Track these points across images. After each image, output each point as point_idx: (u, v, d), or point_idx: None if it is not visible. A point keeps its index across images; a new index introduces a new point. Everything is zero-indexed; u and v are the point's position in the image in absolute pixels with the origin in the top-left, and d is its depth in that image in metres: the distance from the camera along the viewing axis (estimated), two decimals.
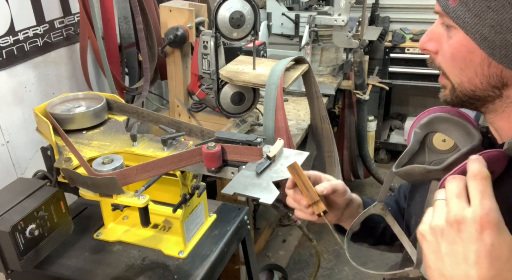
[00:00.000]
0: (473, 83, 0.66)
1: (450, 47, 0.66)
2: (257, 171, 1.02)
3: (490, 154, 0.61)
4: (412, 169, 0.68)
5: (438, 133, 0.72)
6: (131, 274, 1.24)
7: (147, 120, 1.37)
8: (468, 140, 0.69)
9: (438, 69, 0.69)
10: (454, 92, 0.68)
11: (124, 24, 2.18)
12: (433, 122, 0.73)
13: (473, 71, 0.65)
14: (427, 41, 0.69)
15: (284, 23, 2.69)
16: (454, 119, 0.72)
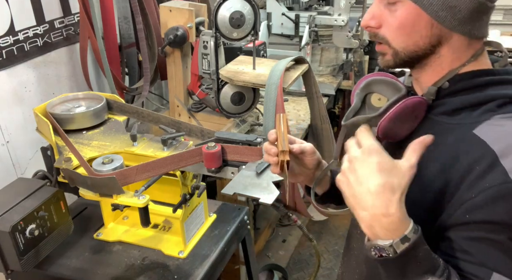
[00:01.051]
0: (418, 44, 0.78)
1: (396, 19, 0.77)
2: (257, 171, 1.03)
3: (413, 100, 0.78)
4: (357, 120, 0.82)
5: (375, 93, 0.87)
6: (131, 274, 1.24)
7: (147, 120, 1.37)
8: (395, 93, 0.83)
9: (380, 40, 0.81)
10: (397, 56, 0.80)
11: (124, 24, 2.18)
12: (370, 85, 0.87)
13: (419, 35, 0.77)
14: (370, 19, 0.80)
15: (284, 23, 2.70)
16: (386, 80, 0.86)
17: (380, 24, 0.80)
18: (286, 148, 0.86)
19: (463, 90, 0.79)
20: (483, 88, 0.78)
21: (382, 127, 0.79)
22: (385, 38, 0.80)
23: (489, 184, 0.69)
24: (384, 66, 0.84)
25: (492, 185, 0.68)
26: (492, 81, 0.78)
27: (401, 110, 0.78)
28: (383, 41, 0.81)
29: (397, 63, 0.82)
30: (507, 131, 0.72)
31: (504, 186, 0.68)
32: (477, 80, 0.79)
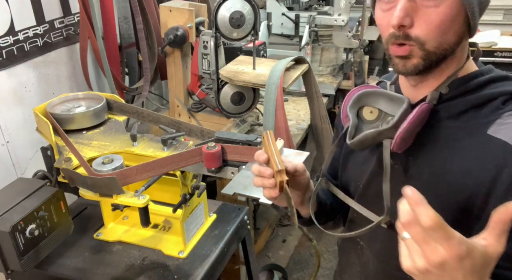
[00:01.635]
0: (449, 43, 0.74)
1: (438, 15, 0.70)
2: None
3: (425, 107, 0.75)
4: (365, 136, 0.78)
5: (365, 107, 0.84)
6: (131, 274, 1.24)
7: (147, 120, 1.37)
8: (392, 104, 0.80)
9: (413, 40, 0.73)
10: (428, 58, 0.74)
11: (124, 24, 2.18)
12: (361, 98, 0.84)
13: (453, 32, 0.73)
14: (404, 17, 0.71)
15: (284, 23, 2.70)
16: (376, 91, 0.83)
17: (413, 23, 0.72)
18: (282, 167, 0.80)
19: (464, 93, 0.78)
20: (482, 88, 0.77)
21: (400, 139, 0.75)
22: (419, 39, 0.72)
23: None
24: (410, 71, 0.76)
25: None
26: (489, 79, 0.78)
27: (417, 119, 0.75)
28: (416, 42, 0.73)
29: (426, 66, 0.75)
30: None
31: None
32: (475, 81, 0.78)
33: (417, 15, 0.71)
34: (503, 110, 0.74)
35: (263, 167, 0.82)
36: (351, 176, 0.97)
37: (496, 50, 2.84)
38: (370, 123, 0.83)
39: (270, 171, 0.81)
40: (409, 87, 0.84)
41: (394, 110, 0.79)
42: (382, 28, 0.77)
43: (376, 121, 0.83)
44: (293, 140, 1.93)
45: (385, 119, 0.82)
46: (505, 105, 0.74)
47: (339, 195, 0.93)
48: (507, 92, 0.75)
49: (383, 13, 0.76)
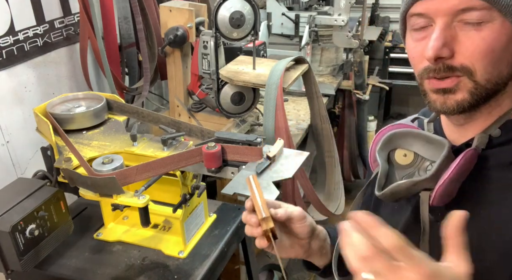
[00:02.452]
0: (501, 75, 0.62)
1: (485, 40, 0.59)
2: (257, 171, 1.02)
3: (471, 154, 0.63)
4: (398, 187, 0.67)
5: (398, 149, 0.73)
6: (131, 274, 1.24)
7: (147, 120, 1.37)
8: (431, 147, 0.69)
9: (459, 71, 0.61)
10: (477, 93, 0.62)
11: (124, 24, 2.18)
12: (392, 140, 0.73)
13: (506, 62, 0.61)
14: (443, 47, 0.60)
15: (284, 23, 2.69)
16: (411, 132, 0.71)
17: (453, 52, 0.61)
18: (267, 213, 0.72)
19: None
20: None
21: (441, 192, 0.63)
22: (467, 68, 0.60)
23: None
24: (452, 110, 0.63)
25: None
26: None
27: (461, 169, 0.63)
28: (463, 73, 0.61)
29: (471, 104, 0.62)
30: None
31: None
32: None
33: (458, 43, 0.60)
34: None
35: (249, 215, 0.74)
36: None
37: None
38: (403, 169, 0.72)
39: (255, 220, 0.73)
40: (452, 128, 0.72)
41: (433, 155, 0.69)
42: (415, 60, 0.66)
43: (411, 166, 0.72)
44: (293, 140, 1.93)
45: (422, 164, 0.70)
46: None
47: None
48: None
49: (415, 43, 0.65)
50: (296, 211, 0.78)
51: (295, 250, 0.82)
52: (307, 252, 0.83)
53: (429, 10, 0.61)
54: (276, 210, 0.75)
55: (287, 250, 0.81)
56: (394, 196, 0.68)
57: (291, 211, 0.77)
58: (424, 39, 0.63)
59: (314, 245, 0.84)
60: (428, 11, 0.61)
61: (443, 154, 0.65)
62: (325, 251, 0.87)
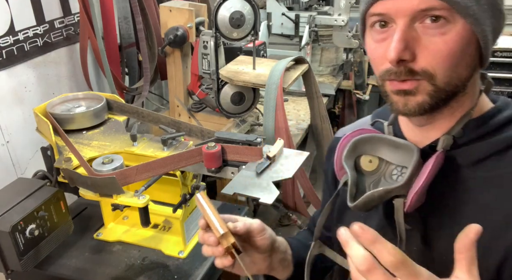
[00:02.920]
0: (461, 77, 0.61)
1: (447, 44, 0.58)
2: (257, 171, 1.02)
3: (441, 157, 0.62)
4: (372, 196, 0.64)
5: (363, 155, 0.71)
6: (131, 274, 1.24)
7: (147, 120, 1.37)
8: (396, 151, 0.68)
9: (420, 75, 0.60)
10: (437, 95, 0.61)
11: (124, 24, 2.18)
12: (357, 146, 0.71)
13: (465, 65, 0.61)
14: (405, 49, 0.59)
15: (284, 23, 2.69)
16: (376, 137, 0.70)
17: (415, 55, 0.60)
18: (225, 229, 0.69)
19: (482, 136, 0.65)
20: (502, 128, 0.65)
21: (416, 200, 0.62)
22: (428, 72, 0.60)
23: None
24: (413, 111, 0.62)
25: None
26: (509, 118, 0.66)
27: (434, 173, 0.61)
28: (423, 77, 0.60)
29: (432, 106, 0.62)
30: None
31: None
32: (494, 122, 0.65)
33: (420, 46, 0.59)
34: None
35: (206, 234, 0.71)
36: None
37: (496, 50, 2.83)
38: (369, 175, 0.70)
39: (214, 238, 0.69)
40: (413, 129, 0.71)
41: (399, 159, 0.67)
42: (376, 62, 0.65)
43: (377, 172, 0.70)
44: (293, 140, 1.93)
45: (387, 169, 0.69)
46: None
47: (337, 260, 0.79)
48: None
49: (376, 44, 0.64)
50: (255, 223, 0.75)
51: (257, 266, 0.79)
52: (269, 267, 0.80)
53: (389, 10, 0.60)
54: (234, 224, 0.72)
55: (249, 266, 0.77)
56: (367, 206, 0.66)
57: (250, 223, 0.74)
58: (385, 40, 0.62)
59: (275, 258, 0.81)
60: (389, 11, 0.60)
61: (415, 159, 0.64)
62: (287, 263, 0.84)
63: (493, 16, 0.60)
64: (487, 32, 0.60)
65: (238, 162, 1.07)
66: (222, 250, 0.69)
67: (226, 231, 0.68)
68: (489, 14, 0.59)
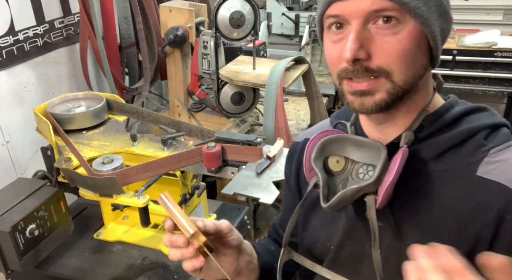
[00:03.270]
0: (415, 76, 0.64)
1: (400, 43, 0.61)
2: (257, 171, 1.03)
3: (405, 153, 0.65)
4: (344, 195, 0.65)
5: (331, 156, 0.72)
6: (131, 274, 1.24)
7: (147, 120, 1.37)
8: (361, 150, 0.70)
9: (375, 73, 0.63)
10: (393, 93, 0.64)
11: (124, 24, 2.18)
12: (325, 147, 0.72)
13: (418, 64, 0.64)
14: (360, 49, 0.61)
15: (284, 23, 2.70)
16: (342, 137, 0.72)
17: (370, 54, 0.62)
18: (194, 228, 0.67)
19: (439, 130, 0.68)
20: (457, 122, 0.69)
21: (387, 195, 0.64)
22: (384, 70, 0.62)
23: None
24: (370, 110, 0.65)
25: None
26: (462, 112, 0.69)
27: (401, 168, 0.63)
28: (381, 74, 0.62)
29: (388, 104, 0.64)
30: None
31: None
32: (449, 116, 0.69)
33: (374, 45, 0.61)
34: (487, 146, 0.66)
35: (174, 236, 0.69)
36: (317, 237, 0.82)
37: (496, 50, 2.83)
38: (337, 175, 0.71)
39: (183, 239, 0.68)
40: (373, 128, 0.73)
41: (365, 157, 0.69)
42: (333, 62, 0.66)
43: (344, 171, 0.71)
44: (293, 140, 1.93)
45: (354, 168, 0.71)
46: (487, 140, 0.66)
47: (305, 264, 0.80)
48: (486, 125, 0.67)
49: (333, 45, 0.66)
50: (223, 223, 0.74)
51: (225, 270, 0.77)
52: (236, 270, 0.80)
53: (344, 12, 0.62)
54: (204, 222, 0.71)
55: (217, 271, 0.76)
56: (340, 205, 0.67)
57: (219, 224, 0.73)
58: (341, 40, 0.64)
59: (242, 261, 0.81)
60: (343, 12, 0.62)
61: (383, 156, 0.66)
62: (253, 266, 0.84)
63: (440, 17, 0.64)
64: (436, 32, 0.63)
65: (238, 162, 1.07)
66: (193, 251, 0.68)
67: (196, 231, 0.67)
68: (437, 15, 0.63)
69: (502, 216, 0.62)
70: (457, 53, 2.84)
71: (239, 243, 0.78)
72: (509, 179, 0.63)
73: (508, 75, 2.85)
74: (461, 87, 2.93)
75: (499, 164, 0.64)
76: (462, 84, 2.93)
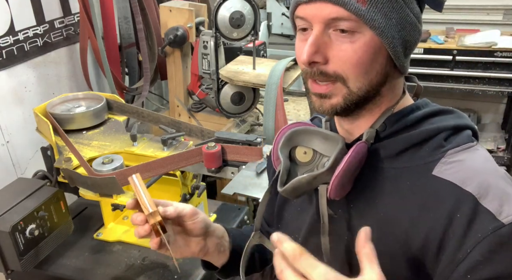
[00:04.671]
0: (372, 83, 0.67)
1: (356, 52, 0.63)
2: (257, 171, 1.03)
3: (362, 146, 0.67)
4: (299, 181, 0.68)
5: (298, 147, 0.75)
6: (131, 274, 1.24)
7: (147, 120, 1.37)
8: (327, 143, 0.72)
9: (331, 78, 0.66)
10: (349, 98, 0.67)
11: (124, 24, 2.18)
12: (292, 137, 0.75)
13: (375, 72, 0.66)
14: (315, 53, 0.64)
15: (284, 23, 2.70)
16: (309, 129, 0.74)
17: (327, 59, 0.65)
18: (153, 208, 0.72)
19: (401, 129, 0.71)
20: (420, 123, 0.71)
21: (337, 185, 0.66)
22: (340, 75, 0.65)
23: (481, 234, 0.59)
24: (327, 112, 0.69)
25: (485, 235, 0.59)
26: (425, 114, 0.71)
27: (354, 160, 0.66)
28: (337, 79, 0.66)
29: (344, 108, 0.68)
30: (471, 166, 0.65)
31: (498, 233, 0.59)
32: (413, 116, 0.71)
33: (332, 51, 0.64)
34: (445, 147, 0.67)
35: (134, 214, 0.73)
36: (288, 228, 0.85)
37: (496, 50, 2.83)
38: (304, 166, 0.74)
39: (142, 217, 0.72)
40: (341, 126, 0.76)
41: (329, 151, 0.72)
42: (299, 60, 0.69)
43: (311, 163, 0.74)
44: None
45: (321, 161, 0.73)
46: (447, 141, 0.68)
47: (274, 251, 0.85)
48: (447, 127, 0.69)
49: (300, 44, 0.68)
50: (187, 208, 0.78)
51: (190, 249, 0.82)
52: (202, 250, 0.83)
53: (308, 15, 0.65)
54: (165, 208, 0.75)
55: (182, 249, 0.81)
56: (296, 192, 0.69)
57: (182, 209, 0.77)
58: (305, 41, 0.66)
59: (210, 242, 0.84)
60: (307, 16, 0.65)
61: (338, 147, 0.69)
62: (223, 249, 0.87)
63: (403, 29, 0.65)
64: (396, 44, 0.65)
65: (238, 162, 1.07)
66: (148, 229, 0.72)
67: (154, 210, 0.72)
68: (399, 27, 0.65)
69: (452, 215, 0.62)
70: (457, 53, 2.84)
71: (205, 226, 0.81)
72: (461, 179, 0.64)
73: (508, 75, 2.85)
74: (461, 87, 2.93)
75: (454, 164, 0.66)
76: (462, 84, 2.93)
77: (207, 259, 0.88)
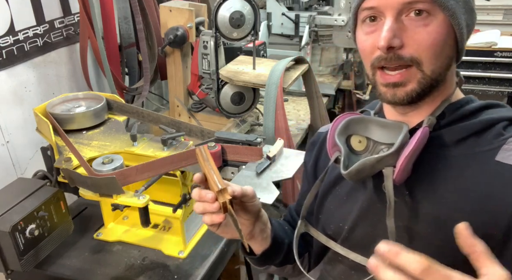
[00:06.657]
0: (442, 67, 0.69)
1: (430, 34, 0.66)
2: (257, 171, 1.03)
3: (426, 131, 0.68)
4: (363, 164, 0.69)
5: (353, 136, 0.77)
6: (131, 274, 1.24)
7: (147, 120, 1.37)
8: (385, 131, 0.74)
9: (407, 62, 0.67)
10: (424, 83, 0.68)
11: (124, 24, 2.18)
12: (349, 126, 0.77)
13: (446, 55, 0.69)
14: (393, 38, 0.66)
15: (284, 23, 2.70)
16: (367, 118, 0.76)
17: (403, 43, 0.67)
18: (223, 185, 0.70)
19: (459, 119, 0.73)
20: (478, 113, 0.73)
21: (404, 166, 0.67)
22: (416, 59, 0.67)
23: None
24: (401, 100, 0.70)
25: None
26: (482, 106, 0.74)
27: (421, 144, 0.67)
28: (413, 63, 0.67)
29: (419, 94, 0.69)
30: None
31: None
32: (470, 107, 0.74)
33: (406, 36, 0.67)
34: (505, 136, 0.69)
35: (203, 191, 0.72)
36: (332, 218, 0.87)
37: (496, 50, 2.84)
38: (359, 155, 0.76)
39: (212, 195, 0.71)
40: (397, 116, 0.77)
41: (387, 138, 0.73)
42: (366, 52, 0.71)
43: (365, 151, 0.76)
44: (293, 140, 1.93)
45: (375, 149, 0.75)
46: (506, 130, 0.70)
47: (321, 239, 0.86)
48: (504, 118, 0.71)
49: (366, 36, 0.71)
50: (249, 189, 0.78)
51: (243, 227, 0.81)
52: (250, 234, 0.84)
53: (379, 3, 0.67)
54: (233, 186, 0.74)
55: (232, 230, 0.80)
56: (360, 174, 0.71)
57: (246, 188, 0.77)
58: (374, 32, 0.69)
59: (257, 227, 0.84)
60: (379, 4, 0.67)
61: (404, 131, 0.70)
62: (266, 235, 0.88)
63: (466, 12, 0.69)
64: (463, 26, 0.68)
65: (238, 162, 1.08)
66: (217, 206, 0.70)
67: (224, 187, 0.70)
68: (464, 10, 0.68)
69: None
70: None
71: (258, 210, 0.82)
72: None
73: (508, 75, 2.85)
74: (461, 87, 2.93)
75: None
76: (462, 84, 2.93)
77: (250, 243, 0.88)
